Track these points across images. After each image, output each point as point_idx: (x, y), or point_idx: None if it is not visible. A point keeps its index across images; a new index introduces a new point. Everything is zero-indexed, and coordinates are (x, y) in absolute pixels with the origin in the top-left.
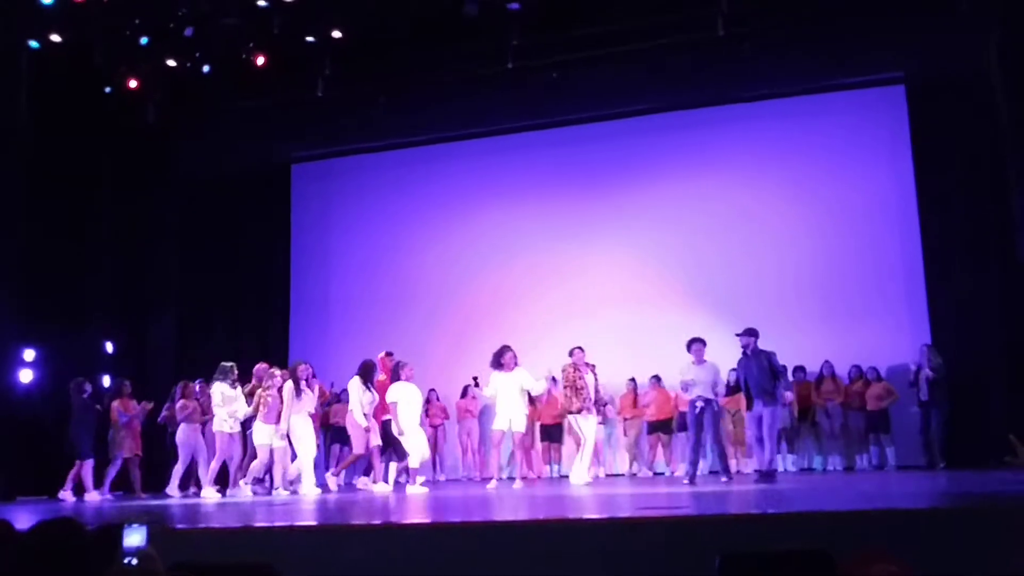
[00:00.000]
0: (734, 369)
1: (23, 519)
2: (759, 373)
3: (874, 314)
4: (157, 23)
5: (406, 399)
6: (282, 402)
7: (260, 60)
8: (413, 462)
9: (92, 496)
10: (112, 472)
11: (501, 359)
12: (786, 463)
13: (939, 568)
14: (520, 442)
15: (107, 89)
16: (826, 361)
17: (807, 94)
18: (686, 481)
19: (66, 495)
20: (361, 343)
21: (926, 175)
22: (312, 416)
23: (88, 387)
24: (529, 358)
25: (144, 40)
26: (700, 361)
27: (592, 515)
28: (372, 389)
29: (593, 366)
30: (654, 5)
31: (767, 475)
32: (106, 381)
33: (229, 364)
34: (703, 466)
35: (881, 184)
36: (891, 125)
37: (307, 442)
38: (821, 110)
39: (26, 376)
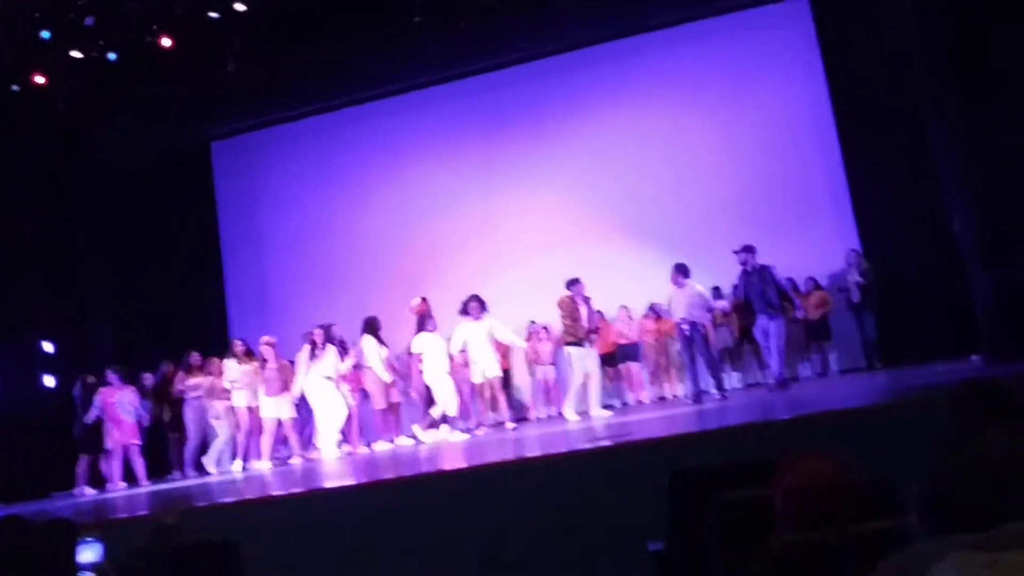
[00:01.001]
0: (735, 285)
1: None
2: (761, 287)
3: (804, 227)
4: (57, 15)
5: (431, 349)
6: (282, 374)
7: (166, 42)
8: (450, 410)
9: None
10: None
11: (468, 308)
12: (732, 381)
13: (881, 458)
14: (500, 387)
15: (14, 87)
16: None
17: (716, 15)
18: (690, 402)
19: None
20: (303, 315)
21: (839, 83)
22: (346, 378)
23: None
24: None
25: (46, 34)
26: (680, 285)
27: (560, 450)
28: (384, 343)
29: (589, 298)
30: None
31: (781, 384)
32: (49, 381)
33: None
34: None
35: (798, 97)
36: (801, 38)
37: (326, 405)
38: (732, 31)
39: None
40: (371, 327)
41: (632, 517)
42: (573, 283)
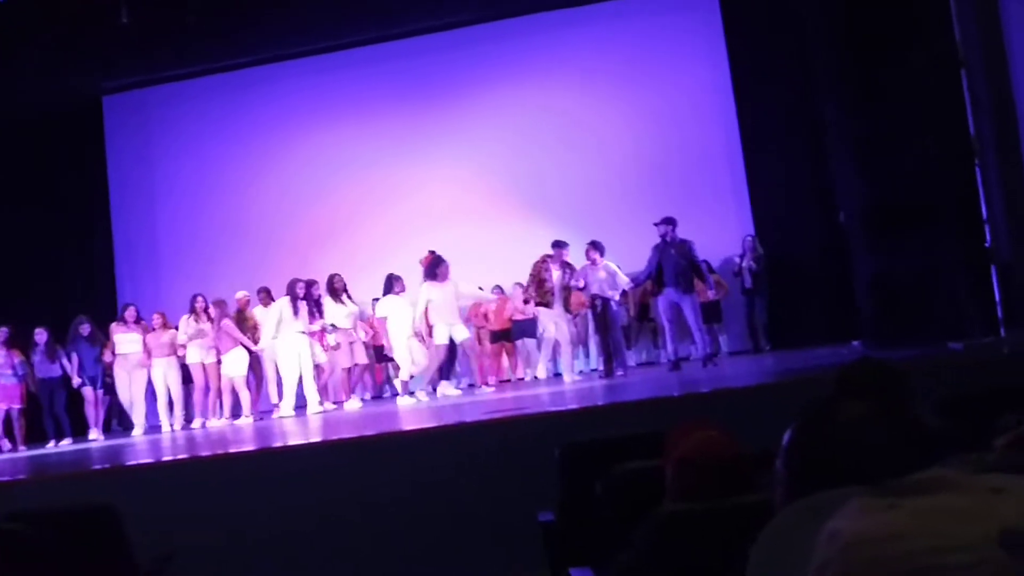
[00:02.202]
0: (650, 259)
1: None
2: (678, 260)
3: (702, 210)
4: None
5: (396, 313)
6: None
7: None
8: (404, 375)
9: None
10: None
11: (436, 270)
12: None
13: (766, 434)
14: (472, 348)
15: None
16: None
17: None
18: (601, 376)
19: None
20: (196, 279)
21: (741, 67)
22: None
23: None
24: (374, 279)
25: None
26: (594, 262)
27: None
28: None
29: (568, 264)
30: None
31: (707, 358)
32: None
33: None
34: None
35: (700, 80)
36: (706, 21)
37: (290, 363)
38: (639, 11)
39: None
40: (331, 287)
41: (523, 489)
42: (561, 247)
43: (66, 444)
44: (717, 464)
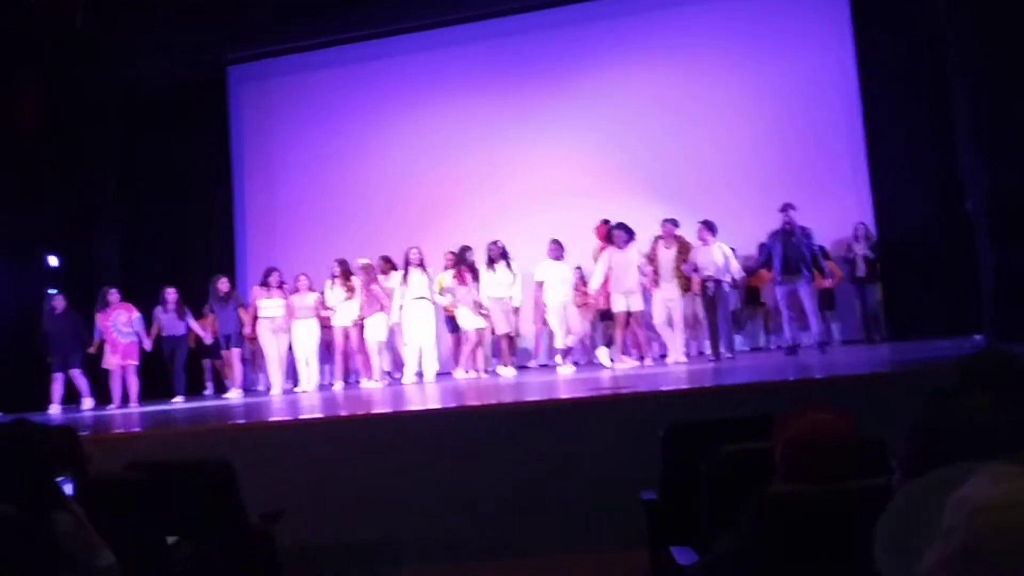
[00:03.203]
0: (764, 243)
1: None
2: (798, 246)
3: (819, 195)
4: None
5: (553, 279)
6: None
7: None
8: (559, 343)
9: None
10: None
11: (613, 237)
12: (737, 344)
13: (879, 422)
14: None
15: None
16: None
17: None
18: (711, 359)
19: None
20: (310, 248)
21: (867, 50)
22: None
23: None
24: (482, 251)
25: None
26: (707, 243)
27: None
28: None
29: (683, 240)
30: None
31: (822, 345)
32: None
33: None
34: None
35: (824, 62)
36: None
37: (422, 327)
38: None
39: None
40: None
41: (626, 467)
42: (668, 222)
43: (179, 401)
44: (828, 447)
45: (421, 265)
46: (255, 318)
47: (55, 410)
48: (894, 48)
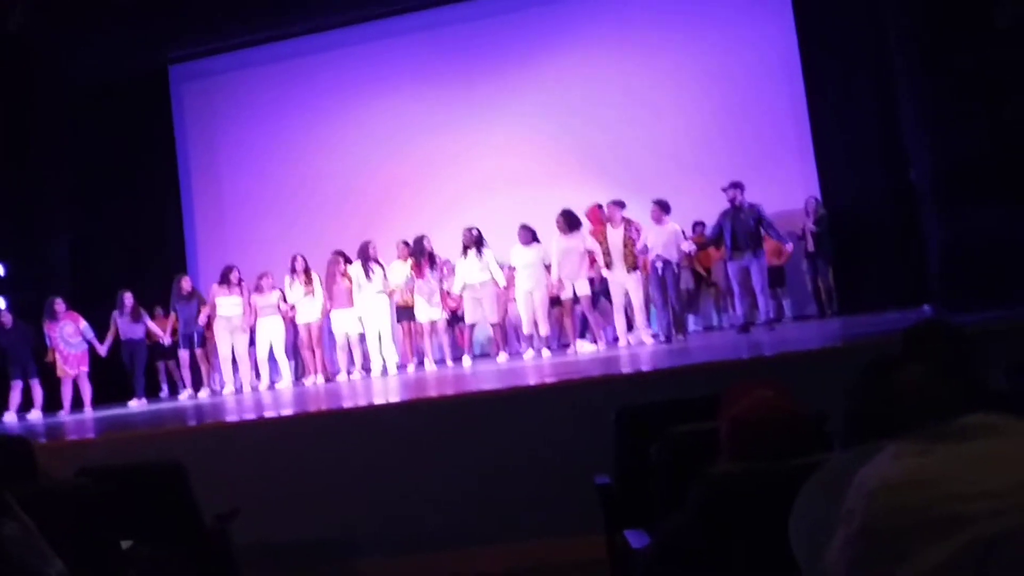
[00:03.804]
0: (716, 223)
1: None
2: (747, 223)
3: (766, 171)
4: None
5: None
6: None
7: None
8: (526, 328)
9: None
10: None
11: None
12: (688, 323)
13: (831, 398)
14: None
15: None
16: None
17: None
18: (662, 340)
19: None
20: (262, 245)
21: (807, 24)
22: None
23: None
24: (436, 242)
25: None
26: (660, 222)
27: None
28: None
29: (630, 221)
30: None
31: (770, 322)
32: None
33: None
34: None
35: (765, 36)
36: None
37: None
38: None
39: None
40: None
41: (580, 452)
42: (615, 204)
43: (137, 405)
44: (772, 424)
45: (376, 260)
46: (210, 316)
47: (10, 417)
48: (835, 21)
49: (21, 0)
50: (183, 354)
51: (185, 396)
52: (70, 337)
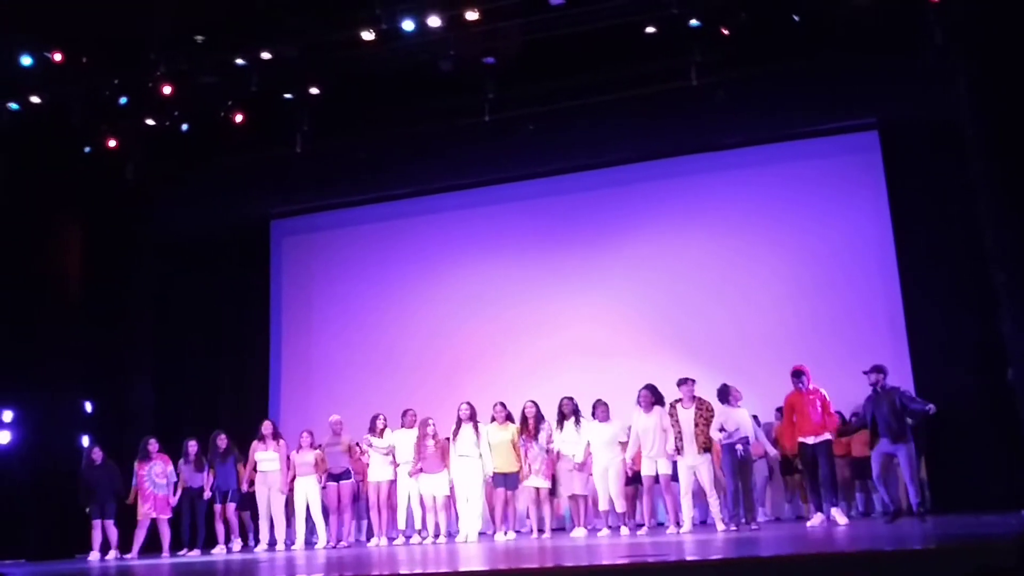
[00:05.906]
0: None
1: None
2: (888, 411)
3: (855, 360)
4: (136, 83)
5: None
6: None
7: (238, 118)
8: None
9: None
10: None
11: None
12: (767, 511)
13: None
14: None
15: (86, 149)
16: None
17: (782, 141)
18: (733, 528)
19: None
20: (345, 400)
21: (903, 218)
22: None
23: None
24: (515, 408)
25: (123, 100)
26: (736, 405)
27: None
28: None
29: (702, 401)
30: (627, 56)
31: (921, 514)
32: (85, 441)
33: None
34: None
35: (859, 228)
36: (867, 170)
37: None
38: (797, 156)
39: (3, 437)
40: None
41: None
42: (683, 383)
43: (193, 555)
44: None
45: (472, 420)
46: (253, 471)
47: (94, 557)
48: (929, 213)
49: (137, 151)
50: (218, 508)
51: (219, 550)
52: (158, 478)
